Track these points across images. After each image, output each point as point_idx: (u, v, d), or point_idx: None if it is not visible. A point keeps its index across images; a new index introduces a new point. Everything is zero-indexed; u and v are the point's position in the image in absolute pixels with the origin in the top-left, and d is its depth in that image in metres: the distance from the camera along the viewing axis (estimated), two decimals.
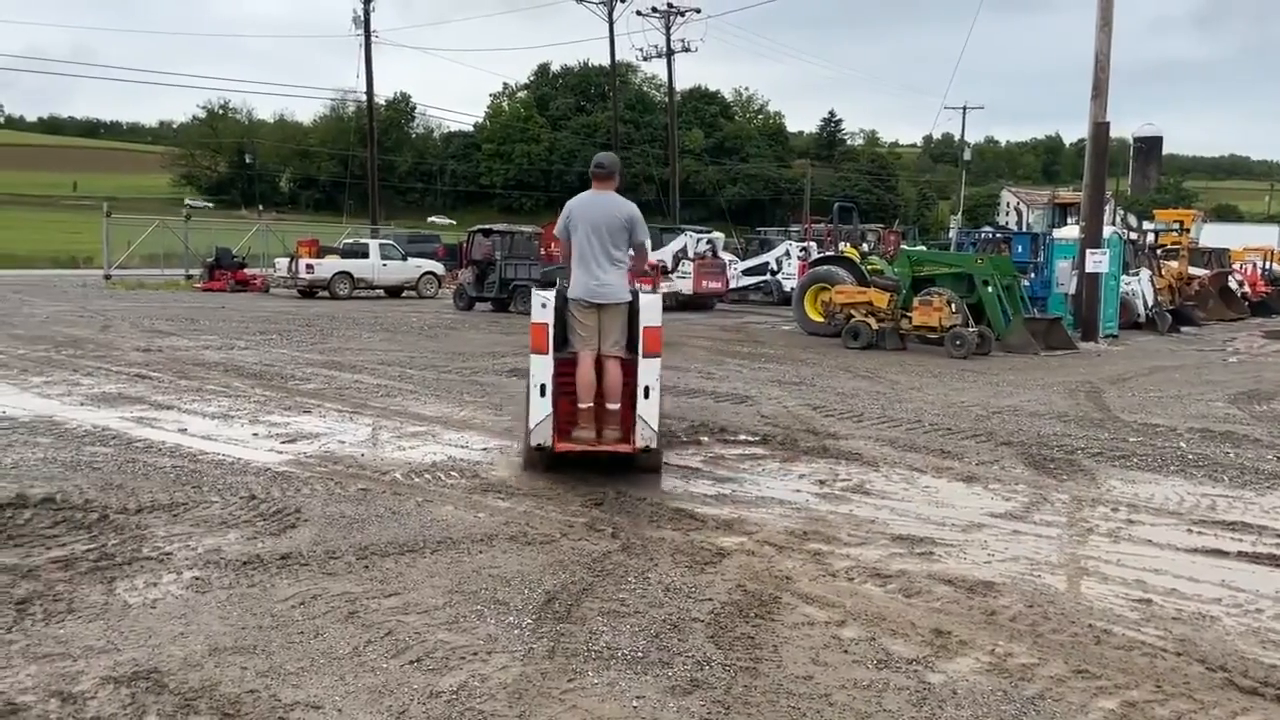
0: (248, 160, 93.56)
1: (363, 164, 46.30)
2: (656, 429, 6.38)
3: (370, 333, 16.91)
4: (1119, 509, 6.21)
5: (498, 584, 4.55)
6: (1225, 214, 77.16)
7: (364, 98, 42.05)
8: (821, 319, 17.47)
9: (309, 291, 26.45)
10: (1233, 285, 25.65)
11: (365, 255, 27.67)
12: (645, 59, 44.66)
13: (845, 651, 3.91)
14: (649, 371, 6.35)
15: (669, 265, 25.87)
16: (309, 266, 26.39)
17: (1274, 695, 3.59)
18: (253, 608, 4.20)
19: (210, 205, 71.66)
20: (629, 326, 6.50)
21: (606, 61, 47.47)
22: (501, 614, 4.19)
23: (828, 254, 21.77)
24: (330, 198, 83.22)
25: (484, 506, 5.91)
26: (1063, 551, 5.45)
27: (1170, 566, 5.07)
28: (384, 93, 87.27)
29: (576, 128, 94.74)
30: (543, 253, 25.70)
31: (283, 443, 7.63)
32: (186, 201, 75.92)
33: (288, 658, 3.71)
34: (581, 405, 6.46)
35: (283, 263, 27.98)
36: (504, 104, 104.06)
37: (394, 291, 28.02)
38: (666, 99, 52.92)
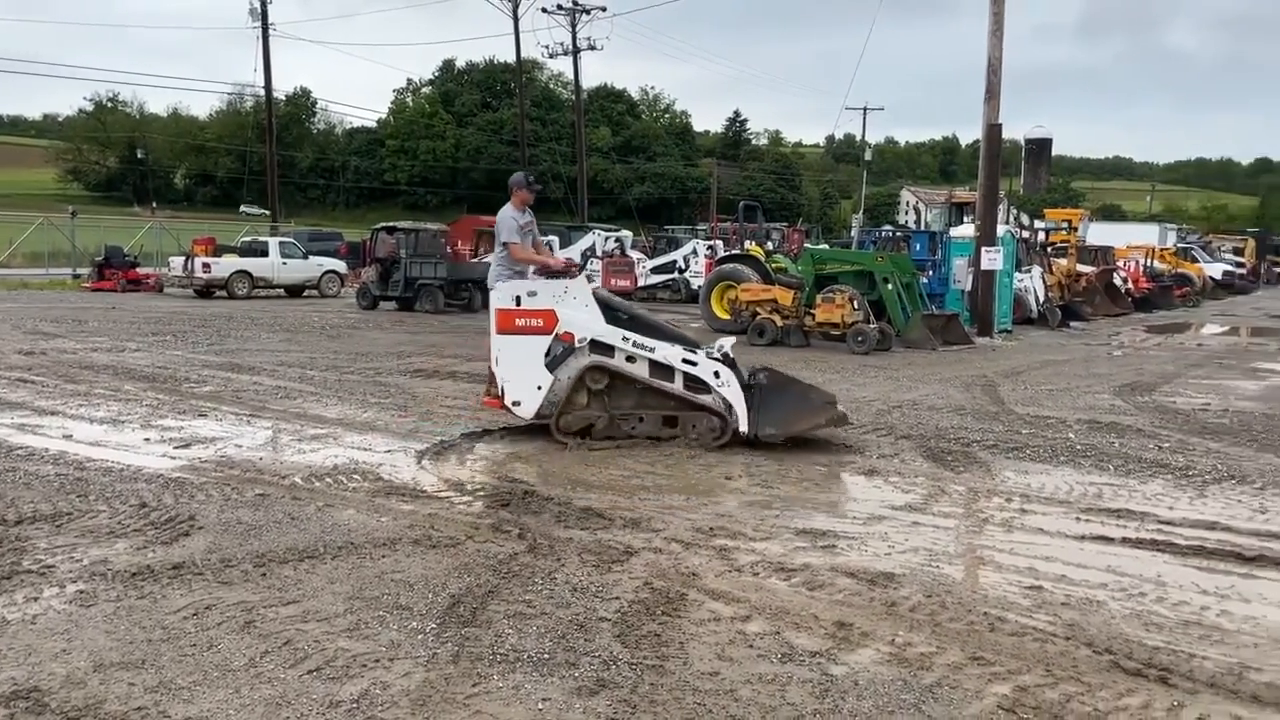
0: (139, 155, 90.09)
1: (262, 160, 45.12)
2: (506, 391, 7.81)
3: (270, 333, 16.47)
4: (1013, 499, 6.41)
5: (401, 589, 4.47)
6: (1110, 213, 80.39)
7: (262, 92, 40.92)
8: (728, 316, 17.65)
9: (206, 291, 25.68)
10: (1117, 282, 26.70)
11: (264, 254, 26.97)
12: (551, 56, 44.52)
13: (750, 646, 3.94)
14: (495, 344, 7.88)
15: (578, 263, 25.84)
16: (205, 265, 25.62)
17: (1157, 676, 3.74)
18: (141, 621, 4.04)
19: (265, 213, 65.58)
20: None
21: (512, 58, 47.15)
22: (404, 619, 4.12)
23: (734, 252, 22.00)
24: (228, 194, 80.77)
25: (387, 510, 5.80)
26: (960, 542, 5.60)
27: (1060, 554, 5.26)
28: (283, 87, 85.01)
29: (482, 124, 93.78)
30: (449, 250, 25.43)
31: (176, 448, 7.37)
32: (243, 209, 68.64)
33: (179, 671, 3.58)
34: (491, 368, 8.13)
35: (178, 261, 27.08)
36: (408, 100, 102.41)
37: (295, 291, 27.39)
38: (573, 97, 52.78)
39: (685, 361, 7.72)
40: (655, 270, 29.59)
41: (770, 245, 28.93)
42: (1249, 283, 38.82)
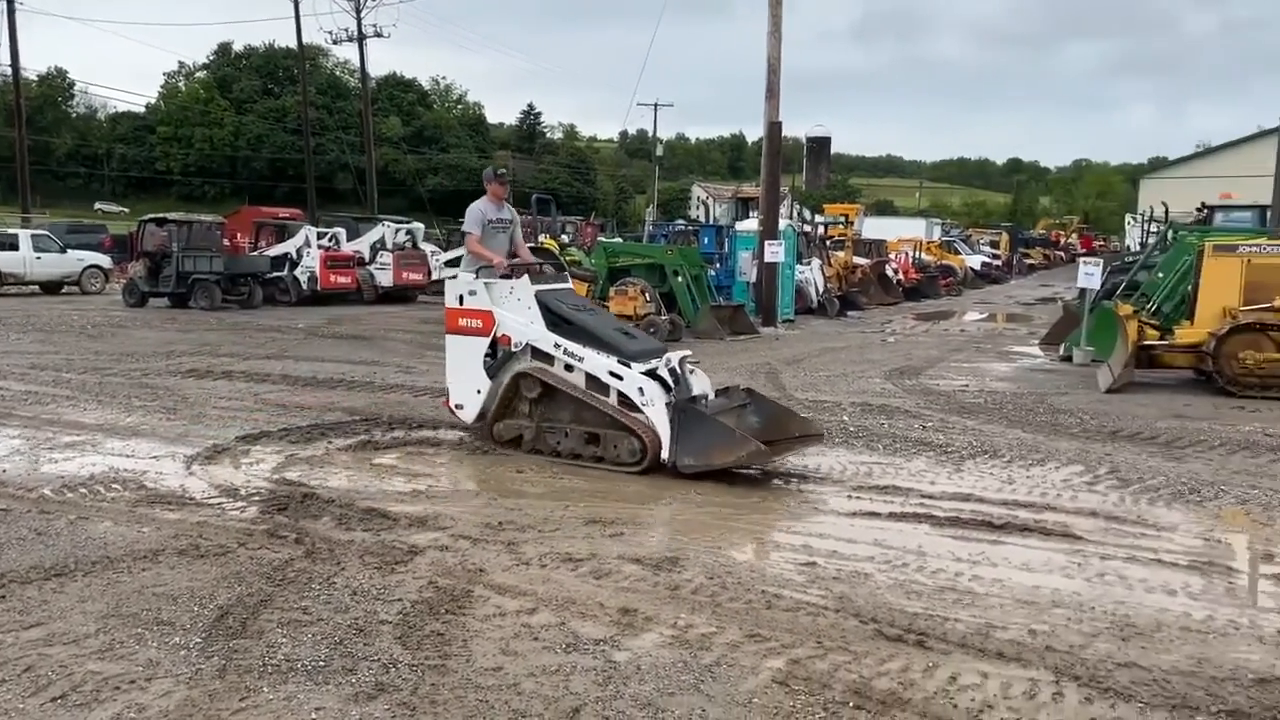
0: None
1: (11, 146, 41.16)
2: (450, 393, 7.67)
3: (20, 334, 15.07)
4: (791, 480, 6.69)
5: (163, 603, 4.19)
6: (883, 208, 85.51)
7: (9, 71, 37.31)
8: None
9: None
10: (889, 273, 28.36)
11: (15, 247, 24.63)
12: (335, 43, 42.71)
13: (535, 639, 3.93)
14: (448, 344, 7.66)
15: (366, 256, 25.08)
16: None
17: (915, 641, 3.99)
18: None
19: (125, 211, 57.12)
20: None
21: (294, 43, 44.99)
22: (166, 635, 3.85)
23: (529, 246, 21.93)
24: None
25: (150, 520, 5.42)
26: (741, 523, 5.78)
27: (833, 530, 5.53)
28: (35, 67, 77.85)
29: (264, 112, 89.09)
30: (225, 243, 24.08)
31: None
32: (98, 206, 60.26)
33: None
34: None
35: None
36: (180, 84, 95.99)
37: (52, 288, 25.21)
38: (360, 85, 51.03)
39: (612, 374, 6.90)
40: (449, 264, 29.02)
41: (565, 239, 29.04)
42: (1003, 273, 42.19)
